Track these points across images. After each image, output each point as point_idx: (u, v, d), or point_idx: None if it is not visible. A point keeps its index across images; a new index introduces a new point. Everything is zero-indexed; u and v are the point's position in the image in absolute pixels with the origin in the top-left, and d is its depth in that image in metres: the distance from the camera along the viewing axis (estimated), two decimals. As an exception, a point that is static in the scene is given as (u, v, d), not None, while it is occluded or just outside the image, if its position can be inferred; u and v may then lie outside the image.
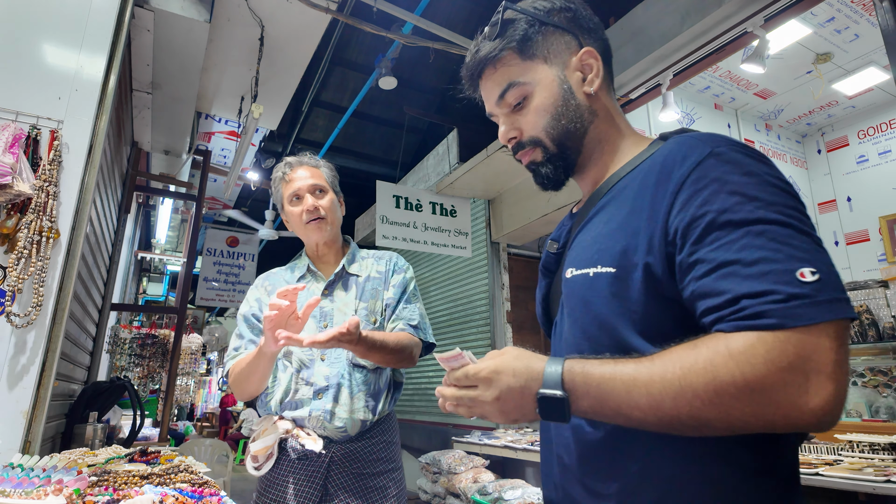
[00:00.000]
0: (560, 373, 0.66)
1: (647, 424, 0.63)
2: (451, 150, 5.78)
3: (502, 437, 4.19)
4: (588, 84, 0.86)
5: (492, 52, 0.87)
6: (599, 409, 0.65)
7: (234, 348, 1.55)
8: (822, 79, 4.15)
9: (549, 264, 0.94)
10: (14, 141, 1.72)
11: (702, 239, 0.64)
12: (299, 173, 1.59)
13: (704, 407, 0.59)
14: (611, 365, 0.65)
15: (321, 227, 1.56)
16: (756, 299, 0.59)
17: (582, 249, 0.80)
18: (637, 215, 0.73)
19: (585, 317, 0.76)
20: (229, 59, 3.36)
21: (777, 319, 0.57)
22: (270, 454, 1.45)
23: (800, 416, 0.56)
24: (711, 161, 0.68)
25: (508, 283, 5.33)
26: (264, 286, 1.62)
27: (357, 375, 1.49)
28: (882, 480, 2.00)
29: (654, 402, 0.61)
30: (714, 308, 0.62)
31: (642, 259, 0.70)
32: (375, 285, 1.59)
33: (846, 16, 3.55)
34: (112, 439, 3.08)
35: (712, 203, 0.65)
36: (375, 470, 1.47)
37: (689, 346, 0.62)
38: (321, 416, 1.44)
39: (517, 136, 0.89)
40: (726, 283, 0.61)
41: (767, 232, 0.61)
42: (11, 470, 1.20)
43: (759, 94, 4.47)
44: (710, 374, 0.58)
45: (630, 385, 0.63)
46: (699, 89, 4.37)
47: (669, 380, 0.60)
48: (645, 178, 0.75)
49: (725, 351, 0.58)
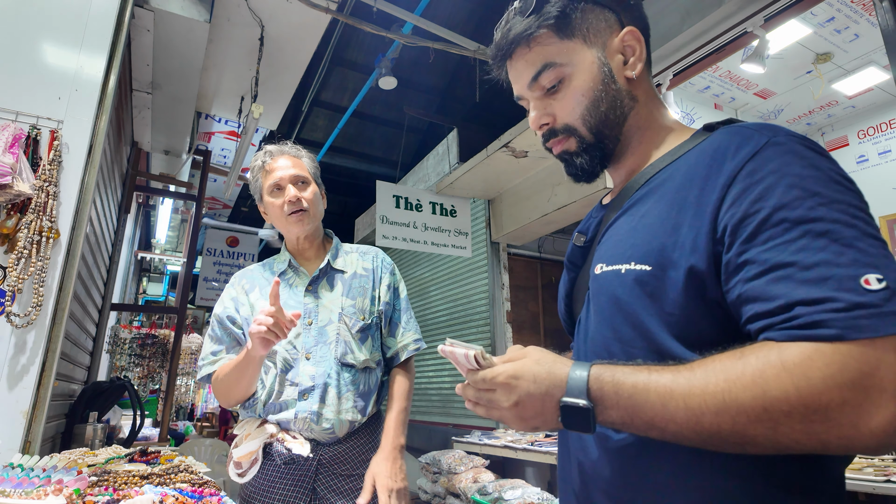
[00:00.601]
0: (586, 380, 0.61)
1: (684, 439, 0.58)
2: (451, 150, 5.78)
3: (502, 437, 4.19)
4: (630, 67, 0.79)
5: (527, 29, 0.79)
6: (630, 421, 0.60)
7: (212, 353, 1.47)
8: (821, 79, 4.15)
9: (574, 258, 0.87)
10: (14, 141, 1.72)
11: (754, 237, 0.58)
12: (280, 162, 1.50)
13: (750, 423, 0.53)
14: (644, 374, 0.59)
15: (303, 219, 1.48)
16: (813, 307, 0.52)
17: (614, 244, 0.74)
18: (680, 210, 0.66)
19: (617, 316, 0.70)
20: (229, 58, 3.36)
21: (837, 330, 0.51)
22: (255, 459, 1.39)
23: (857, 438, 0.50)
24: (769, 151, 0.61)
25: (508, 283, 5.33)
26: (241, 285, 1.54)
27: (345, 375, 1.44)
28: (882, 480, 2.00)
29: (693, 416, 0.55)
30: (764, 314, 0.56)
31: (685, 258, 0.63)
32: (363, 283, 1.54)
33: (846, 16, 3.55)
34: (112, 439, 3.08)
35: (768, 198, 0.58)
36: (364, 470, 1.42)
37: (735, 356, 0.56)
38: (307, 418, 1.38)
39: (549, 123, 0.82)
40: (779, 288, 0.55)
41: (830, 232, 0.55)
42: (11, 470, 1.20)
43: (759, 93, 4.47)
44: (760, 388, 0.52)
45: (666, 397, 0.57)
46: (699, 89, 4.37)
47: (712, 392, 0.55)
48: (691, 171, 0.69)
49: (778, 363, 0.52)
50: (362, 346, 1.49)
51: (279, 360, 1.43)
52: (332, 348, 1.45)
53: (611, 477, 0.71)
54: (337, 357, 1.44)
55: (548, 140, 0.84)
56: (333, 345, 1.45)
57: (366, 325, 1.50)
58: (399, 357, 1.56)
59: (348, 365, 1.45)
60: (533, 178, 4.88)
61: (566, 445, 0.82)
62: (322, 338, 1.46)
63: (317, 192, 1.53)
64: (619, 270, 0.70)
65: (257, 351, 1.23)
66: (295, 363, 1.43)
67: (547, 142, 0.84)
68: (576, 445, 0.78)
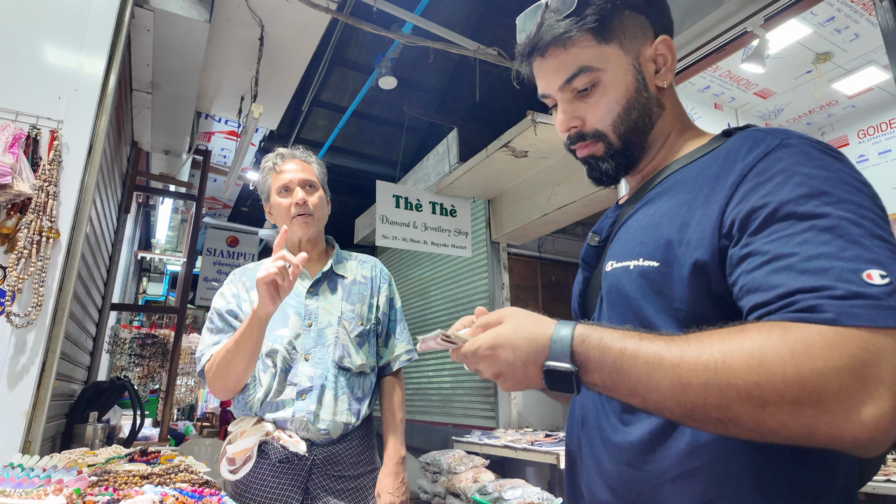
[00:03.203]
0: (570, 342, 0.59)
1: (665, 410, 0.56)
2: (451, 149, 5.78)
3: (502, 436, 4.19)
4: (662, 77, 0.80)
5: (566, 31, 0.77)
6: (612, 385, 0.59)
7: (213, 343, 1.46)
8: (821, 78, 4.15)
9: (588, 258, 0.87)
10: (14, 141, 1.72)
11: (759, 230, 0.58)
12: (290, 166, 1.56)
13: (739, 399, 0.51)
14: (634, 340, 0.58)
15: (308, 223, 1.52)
16: (810, 293, 0.51)
17: (625, 242, 0.75)
18: (689, 208, 0.67)
19: (627, 313, 0.70)
20: (229, 58, 3.36)
21: (832, 315, 0.50)
22: (249, 457, 1.40)
23: (847, 429, 0.48)
24: (780, 152, 0.62)
25: (508, 282, 5.33)
26: (241, 282, 1.56)
27: (342, 378, 1.47)
28: (882, 480, 2.00)
29: (680, 386, 0.54)
30: (763, 304, 0.55)
31: (690, 253, 0.64)
32: (362, 290, 1.59)
33: (846, 15, 3.55)
34: (112, 439, 3.08)
35: (775, 194, 0.58)
36: (356, 472, 1.47)
37: (736, 330, 0.54)
38: (305, 418, 1.41)
39: (578, 126, 0.81)
40: (779, 278, 0.54)
41: (835, 228, 0.54)
42: (11, 470, 1.20)
43: (759, 93, 4.47)
44: (756, 361, 0.50)
45: (654, 365, 0.55)
46: (699, 89, 4.37)
47: (703, 363, 0.53)
48: (703, 171, 0.70)
49: (780, 339, 0.50)
50: (359, 350, 1.52)
51: (279, 360, 1.45)
52: (330, 351, 1.47)
53: (617, 475, 0.71)
54: (335, 360, 1.47)
55: (574, 143, 0.83)
56: (332, 348, 1.48)
57: (364, 330, 1.54)
58: (391, 367, 1.62)
59: (345, 368, 1.48)
60: (533, 178, 4.88)
61: (574, 438, 0.82)
62: (321, 340, 1.48)
63: (323, 197, 1.59)
64: (627, 267, 0.71)
65: (265, 307, 1.21)
66: (294, 363, 1.45)
67: (573, 144, 0.83)
68: (585, 442, 0.78)
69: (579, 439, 0.80)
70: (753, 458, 0.61)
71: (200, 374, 1.47)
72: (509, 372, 0.63)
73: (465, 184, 5.05)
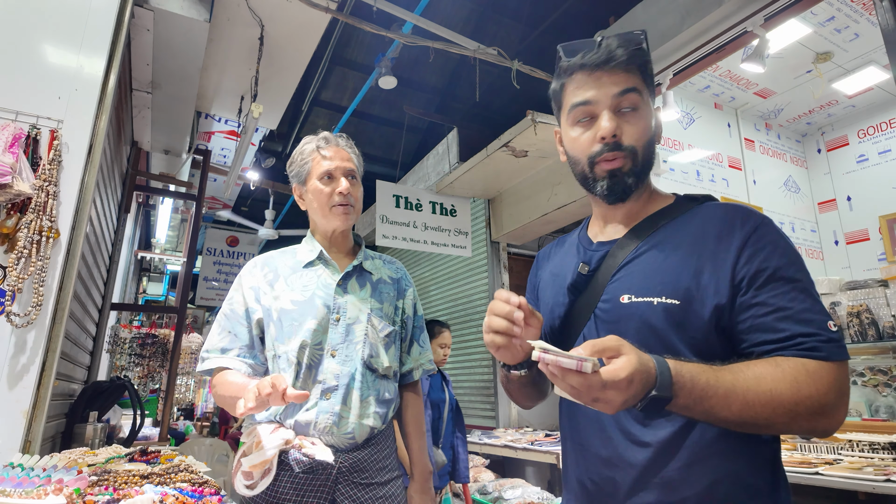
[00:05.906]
0: (670, 377, 0.73)
1: (722, 421, 0.77)
2: (450, 149, 5.78)
3: (502, 436, 4.19)
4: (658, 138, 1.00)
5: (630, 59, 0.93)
6: (693, 407, 0.76)
7: (222, 349, 1.39)
8: (821, 78, 4.15)
9: (579, 285, 0.99)
10: (14, 140, 1.72)
11: (763, 287, 0.84)
12: (337, 152, 1.49)
13: (782, 413, 0.75)
14: (709, 373, 0.76)
15: (349, 213, 1.47)
16: (809, 338, 0.79)
17: (640, 279, 0.91)
18: (699, 258, 0.88)
19: (650, 339, 0.86)
20: (229, 58, 3.36)
21: (825, 353, 0.78)
22: (268, 469, 1.26)
23: (832, 427, 0.77)
24: (764, 229, 0.88)
25: (508, 282, 5.33)
26: (263, 274, 1.47)
27: (369, 378, 1.40)
28: (882, 480, 2.00)
29: (746, 406, 0.75)
30: (774, 341, 0.81)
31: (711, 298, 0.85)
32: (388, 290, 1.54)
33: (846, 15, 3.55)
34: (112, 439, 3.08)
35: (771, 260, 0.85)
36: (384, 479, 1.38)
37: (772, 364, 0.78)
38: (329, 420, 1.32)
39: (619, 137, 0.93)
40: (784, 324, 0.81)
41: (807, 290, 0.83)
42: (11, 469, 1.20)
43: (759, 93, 4.47)
44: (796, 388, 0.75)
45: (729, 392, 0.75)
46: (699, 89, 4.36)
47: (763, 391, 0.75)
48: (701, 229, 0.91)
49: (804, 371, 0.77)
50: (387, 351, 1.46)
51: (304, 356, 1.37)
52: (358, 349, 1.40)
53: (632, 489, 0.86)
54: (363, 358, 1.40)
55: (610, 150, 0.94)
56: (361, 345, 1.41)
57: (393, 331, 1.48)
58: (413, 375, 1.56)
59: (373, 369, 1.41)
60: (533, 178, 4.88)
61: (579, 449, 0.96)
62: (349, 336, 1.41)
63: (361, 192, 1.55)
64: (651, 302, 0.87)
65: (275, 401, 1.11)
66: (320, 360, 1.38)
67: (609, 151, 0.94)
68: (590, 457, 0.92)
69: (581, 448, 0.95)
70: (746, 443, 0.85)
71: (202, 373, 1.44)
72: (632, 399, 0.71)
73: (465, 183, 5.05)
